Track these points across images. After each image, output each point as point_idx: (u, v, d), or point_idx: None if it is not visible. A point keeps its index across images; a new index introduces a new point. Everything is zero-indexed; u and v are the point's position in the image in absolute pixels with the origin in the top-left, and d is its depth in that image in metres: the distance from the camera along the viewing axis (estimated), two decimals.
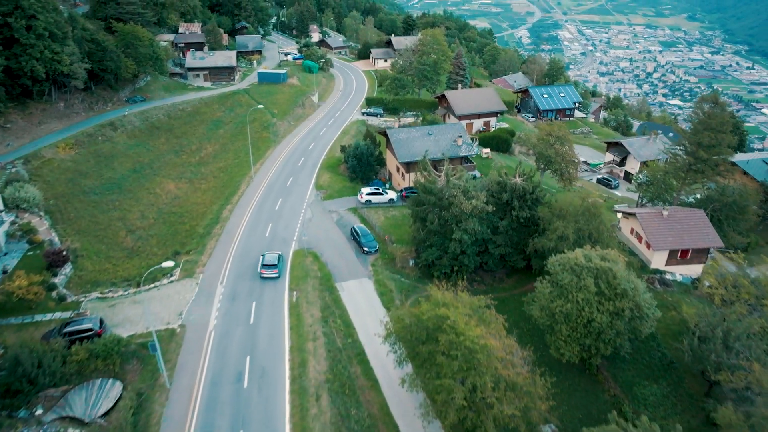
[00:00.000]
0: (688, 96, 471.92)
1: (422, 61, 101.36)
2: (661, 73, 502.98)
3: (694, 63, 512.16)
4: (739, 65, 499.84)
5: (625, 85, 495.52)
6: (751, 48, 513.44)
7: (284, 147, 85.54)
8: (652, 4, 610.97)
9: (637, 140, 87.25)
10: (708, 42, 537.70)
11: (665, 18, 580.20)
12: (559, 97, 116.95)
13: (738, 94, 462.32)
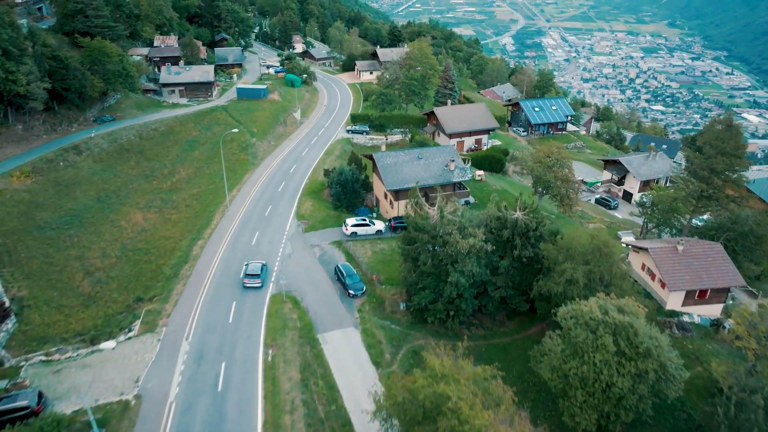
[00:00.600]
0: (670, 101, 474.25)
1: (409, 75, 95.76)
2: (643, 78, 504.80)
3: (675, 69, 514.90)
4: (719, 71, 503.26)
5: (608, 91, 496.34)
6: (730, 54, 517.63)
7: (264, 170, 79.10)
8: (633, 11, 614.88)
9: (636, 158, 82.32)
10: (688, 48, 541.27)
11: (646, 25, 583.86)
12: (551, 110, 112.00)
13: (718, 99, 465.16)
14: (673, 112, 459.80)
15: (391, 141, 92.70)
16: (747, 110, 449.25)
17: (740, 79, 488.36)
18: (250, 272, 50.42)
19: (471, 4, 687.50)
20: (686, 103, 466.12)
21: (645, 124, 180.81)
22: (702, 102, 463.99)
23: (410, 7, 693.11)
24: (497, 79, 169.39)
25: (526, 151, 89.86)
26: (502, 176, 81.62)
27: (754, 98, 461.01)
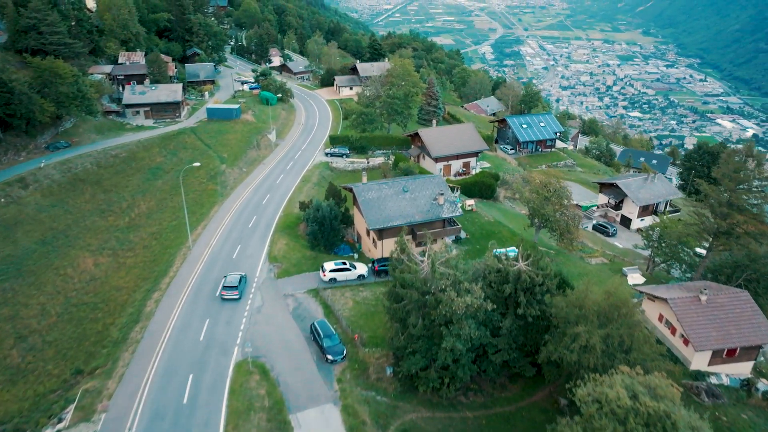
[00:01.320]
0: (647, 108, 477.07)
1: (391, 94, 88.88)
2: (620, 86, 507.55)
3: (650, 76, 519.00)
4: (693, 78, 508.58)
5: (586, 99, 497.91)
6: (703, 61, 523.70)
7: (234, 202, 71.17)
8: (609, 20, 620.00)
9: (634, 181, 76.42)
10: (662, 56, 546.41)
11: (621, 33, 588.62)
12: (539, 126, 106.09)
13: (693, 106, 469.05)
14: (650, 118, 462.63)
15: (373, 164, 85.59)
16: (721, 116, 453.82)
17: (713, 86, 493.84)
18: (228, 284, 49.40)
19: (450, 14, 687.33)
20: (662, 110, 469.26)
21: (630, 135, 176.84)
22: (678, 108, 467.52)
23: (390, 16, 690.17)
24: (480, 92, 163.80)
25: (517, 174, 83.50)
26: (494, 203, 74.96)
27: (727, 104, 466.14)
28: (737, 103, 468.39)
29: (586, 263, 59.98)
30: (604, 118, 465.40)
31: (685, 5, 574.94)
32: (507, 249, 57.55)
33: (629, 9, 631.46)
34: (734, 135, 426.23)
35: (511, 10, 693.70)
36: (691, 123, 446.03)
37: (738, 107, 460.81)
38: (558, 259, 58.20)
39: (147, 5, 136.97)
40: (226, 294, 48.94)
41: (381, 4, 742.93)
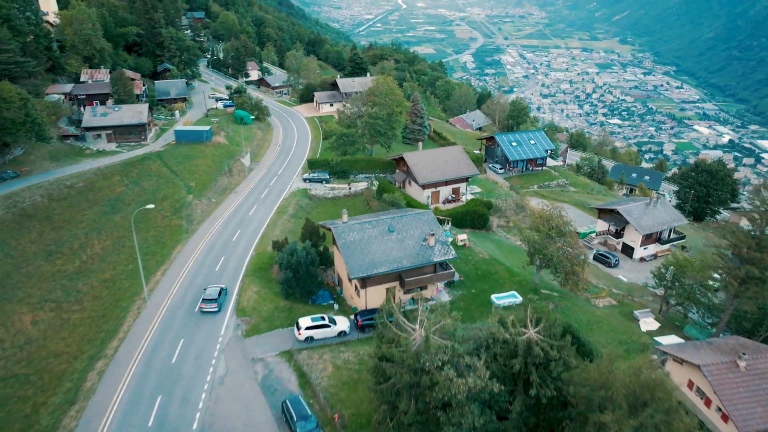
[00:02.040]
0: (626, 115, 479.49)
1: (373, 114, 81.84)
2: (599, 93, 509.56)
3: (629, 83, 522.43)
4: (670, 85, 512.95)
5: (567, 106, 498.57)
6: (679, 69, 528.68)
7: (200, 239, 63.22)
8: (587, 29, 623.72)
9: (636, 207, 70.27)
10: (639, 63, 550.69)
11: (599, 41, 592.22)
12: (529, 144, 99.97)
13: (671, 112, 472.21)
14: (629, 125, 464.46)
15: (356, 190, 78.29)
16: (698, 122, 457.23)
17: (689, 93, 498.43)
18: (207, 297, 48.44)
19: (431, 24, 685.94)
20: (641, 116, 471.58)
21: (618, 148, 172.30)
22: (656, 115, 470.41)
23: (371, 26, 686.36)
24: (465, 105, 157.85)
25: (510, 199, 76.89)
26: (487, 234, 68.14)
27: (704, 111, 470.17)
28: (713, 109, 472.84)
29: (593, 306, 53.33)
30: (585, 125, 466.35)
31: (660, 14, 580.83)
32: (507, 295, 50.77)
33: (606, 18, 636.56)
34: (711, 141, 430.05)
35: (491, 19, 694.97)
36: (669, 129, 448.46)
37: (714, 113, 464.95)
38: (563, 303, 51.43)
39: (114, 19, 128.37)
40: (205, 307, 48.03)
41: (362, 14, 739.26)
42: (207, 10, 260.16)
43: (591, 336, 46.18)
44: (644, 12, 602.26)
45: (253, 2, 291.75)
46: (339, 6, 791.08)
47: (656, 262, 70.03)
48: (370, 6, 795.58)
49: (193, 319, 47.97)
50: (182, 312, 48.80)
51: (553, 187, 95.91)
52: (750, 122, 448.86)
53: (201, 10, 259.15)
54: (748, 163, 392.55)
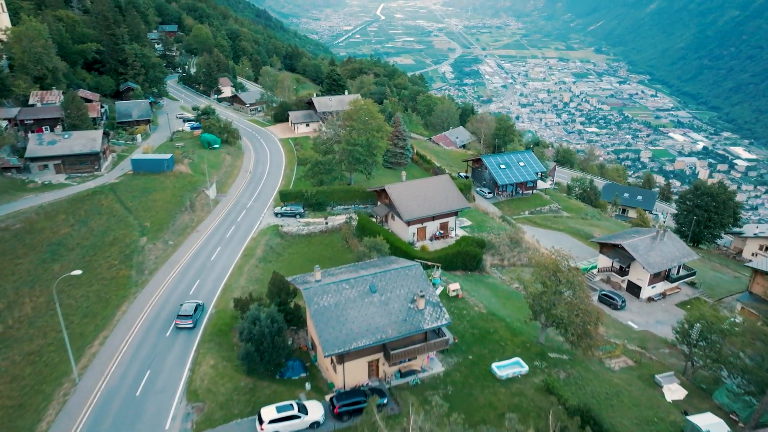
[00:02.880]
0: (603, 123, 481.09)
1: (352, 140, 73.46)
2: (576, 102, 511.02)
3: (605, 92, 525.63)
4: (644, 93, 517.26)
5: (545, 115, 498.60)
6: (653, 77, 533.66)
7: (151, 294, 53.81)
8: (563, 39, 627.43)
9: (642, 241, 63.02)
10: (615, 72, 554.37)
11: (575, 51, 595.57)
12: (518, 167, 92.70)
13: (646, 120, 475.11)
14: (606, 133, 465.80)
15: (333, 225, 69.68)
16: (672, 130, 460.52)
17: (664, 101, 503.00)
18: (183, 312, 47.59)
19: (409, 34, 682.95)
20: (618, 125, 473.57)
21: (605, 164, 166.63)
22: (632, 123, 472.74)
23: (350, 38, 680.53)
24: (447, 121, 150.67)
25: (503, 233, 69.03)
26: (480, 277, 60.07)
27: (678, 118, 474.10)
28: (687, 117, 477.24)
29: (609, 370, 45.50)
30: (564, 134, 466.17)
31: (633, 25, 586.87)
32: (510, 363, 42.62)
33: (581, 28, 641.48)
34: (686, 148, 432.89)
35: (468, 30, 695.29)
36: (645, 137, 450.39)
37: (688, 121, 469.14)
38: (575, 370, 43.47)
39: (73, 35, 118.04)
40: (180, 323, 46.94)
41: (341, 26, 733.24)
42: (180, 23, 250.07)
43: (613, 415, 38.31)
44: (618, 22, 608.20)
45: (229, 15, 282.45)
46: (318, 18, 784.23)
47: (666, 304, 62.88)
48: (348, 17, 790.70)
49: (134, 406, 38.70)
50: (119, 399, 39.49)
51: (546, 213, 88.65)
52: (722, 129, 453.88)
53: (173, 23, 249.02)
54: (722, 170, 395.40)
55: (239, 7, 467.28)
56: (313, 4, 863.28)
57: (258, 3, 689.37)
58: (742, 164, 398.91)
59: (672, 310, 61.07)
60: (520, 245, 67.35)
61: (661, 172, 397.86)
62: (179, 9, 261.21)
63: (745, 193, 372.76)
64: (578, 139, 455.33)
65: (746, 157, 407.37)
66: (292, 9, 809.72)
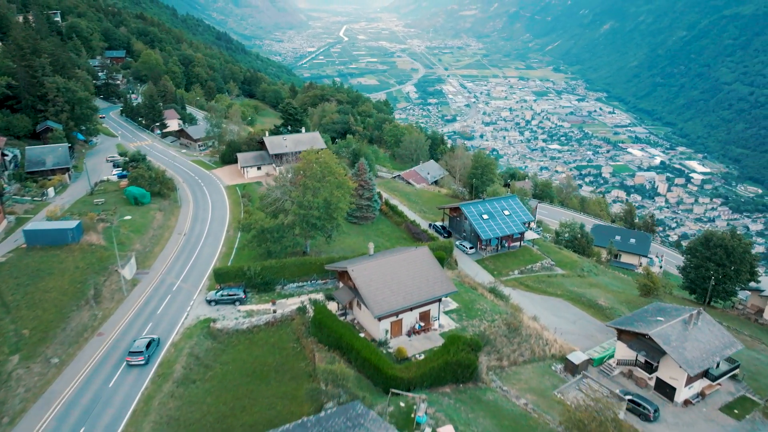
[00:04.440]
0: (564, 140, 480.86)
1: (306, 202, 57.19)
2: (538, 120, 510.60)
3: (565, 110, 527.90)
4: (602, 110, 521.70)
5: (508, 133, 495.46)
6: (610, 95, 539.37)
7: None
8: (522, 59, 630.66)
9: (672, 328, 48.90)
10: (573, 90, 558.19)
11: (534, 70, 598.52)
12: (503, 216, 78.38)
13: (606, 137, 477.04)
14: (568, 149, 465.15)
15: (283, 313, 53.15)
16: (631, 145, 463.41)
17: (621, 117, 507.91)
18: (134, 349, 44.56)
19: (373, 55, 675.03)
20: (578, 141, 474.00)
21: (586, 196, 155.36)
22: (592, 139, 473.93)
23: (314, 59, 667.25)
24: (417, 152, 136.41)
25: (498, 318, 53.75)
26: (477, 392, 44.25)
27: (635, 134, 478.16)
28: (643, 132, 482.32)
29: None
30: (527, 151, 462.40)
31: (589, 44, 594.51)
32: None
33: (539, 48, 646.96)
34: (644, 163, 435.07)
35: (430, 51, 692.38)
36: (605, 153, 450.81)
37: (645, 136, 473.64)
38: None
39: None
40: (131, 360, 43.97)
41: (304, 47, 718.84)
42: (129, 49, 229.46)
43: None
44: (574, 42, 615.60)
45: (183, 39, 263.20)
46: (281, 39, 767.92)
47: (708, 409, 48.63)
48: (312, 39, 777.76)
49: None
50: None
51: (538, 271, 74.37)
52: (677, 144, 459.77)
53: (122, 48, 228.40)
54: (680, 183, 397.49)
55: (198, 30, 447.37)
56: (276, 26, 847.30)
57: (220, 25, 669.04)
58: (698, 177, 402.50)
59: (718, 419, 46.98)
60: (520, 333, 52.28)
61: (623, 187, 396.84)
62: (128, 33, 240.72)
63: (702, 206, 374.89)
64: (541, 156, 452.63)
65: (701, 170, 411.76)
66: (255, 31, 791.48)
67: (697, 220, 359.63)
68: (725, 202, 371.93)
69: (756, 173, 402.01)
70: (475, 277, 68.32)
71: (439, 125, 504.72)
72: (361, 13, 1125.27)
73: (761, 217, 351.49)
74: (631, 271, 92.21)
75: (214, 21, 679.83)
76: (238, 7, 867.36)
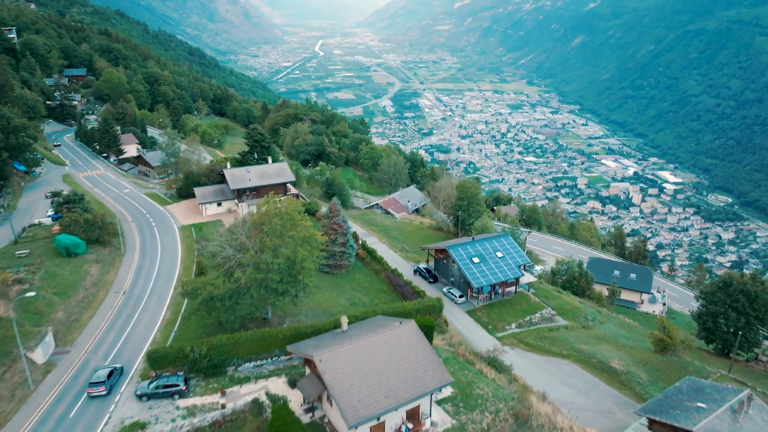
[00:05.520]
0: (540, 152, 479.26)
1: (263, 265, 45.61)
2: (513, 132, 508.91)
3: (539, 122, 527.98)
4: (576, 122, 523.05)
5: (484, 146, 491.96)
6: (583, 107, 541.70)
7: None
8: (496, 72, 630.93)
9: (719, 420, 38.86)
10: (547, 103, 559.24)
11: (509, 84, 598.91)
12: (496, 260, 68.01)
13: (580, 148, 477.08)
14: (543, 161, 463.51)
15: (235, 407, 41.29)
16: (605, 156, 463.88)
17: (594, 129, 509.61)
18: (95, 380, 41.87)
19: (349, 70, 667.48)
20: (554, 153, 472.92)
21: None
22: (567, 151, 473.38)
23: (290, 74, 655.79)
24: (396, 177, 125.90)
25: (505, 408, 42.73)
26: None
27: (608, 145, 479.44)
28: (616, 143, 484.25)
29: None
30: (503, 163, 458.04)
31: (561, 58, 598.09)
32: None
33: (513, 62, 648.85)
34: (618, 174, 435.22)
35: (406, 65, 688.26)
36: (580, 164, 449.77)
37: (618, 147, 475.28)
38: None
39: None
40: (92, 391, 41.29)
41: (280, 62, 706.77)
42: (91, 66, 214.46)
43: None
44: (546, 56, 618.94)
45: (150, 56, 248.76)
46: (256, 54, 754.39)
47: None
48: (287, 54, 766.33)
49: None
50: None
51: (538, 324, 64.05)
52: (650, 155, 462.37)
53: (82, 66, 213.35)
54: (653, 194, 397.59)
55: (171, 46, 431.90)
56: (251, 41, 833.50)
57: (194, 40, 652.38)
58: (671, 188, 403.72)
59: None
60: (531, 426, 41.45)
61: (598, 198, 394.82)
62: (91, 50, 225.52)
63: (675, 215, 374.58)
64: (518, 168, 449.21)
65: (673, 180, 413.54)
66: (230, 46, 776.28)
67: (671, 230, 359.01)
68: (697, 212, 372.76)
69: (725, 183, 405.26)
70: (468, 336, 57.61)
71: (416, 139, 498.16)
72: (337, 27, 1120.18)
73: (732, 226, 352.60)
74: (633, 311, 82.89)
75: (188, 36, 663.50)
76: (213, 23, 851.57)
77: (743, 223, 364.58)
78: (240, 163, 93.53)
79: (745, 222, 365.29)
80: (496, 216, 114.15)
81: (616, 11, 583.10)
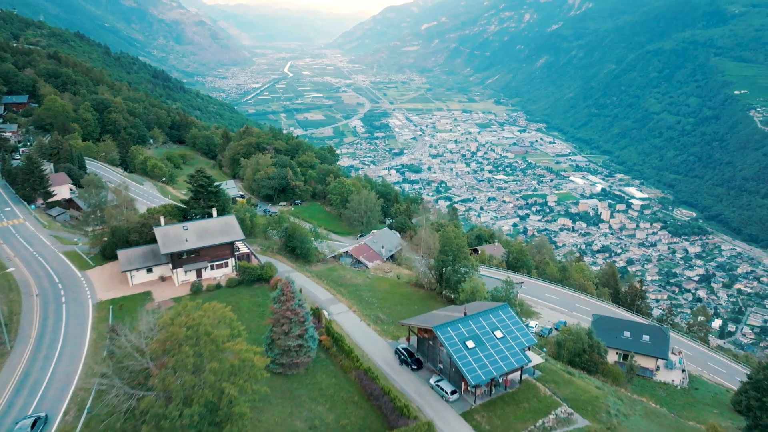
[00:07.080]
0: (510, 170, 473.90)
1: (169, 415, 29.23)
2: (483, 151, 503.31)
3: (508, 140, 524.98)
4: (543, 140, 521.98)
5: (455, 165, 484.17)
6: (549, 125, 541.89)
7: None
8: (464, 92, 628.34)
9: None
10: (515, 122, 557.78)
11: (477, 103, 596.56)
12: (495, 340, 53.06)
13: (548, 166, 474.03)
14: (513, 179, 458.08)
15: None
16: (573, 173, 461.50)
17: (561, 147, 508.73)
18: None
19: (318, 90, 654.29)
20: (523, 171, 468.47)
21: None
22: (536, 169, 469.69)
23: (259, 95, 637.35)
24: (367, 214, 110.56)
25: None
26: None
27: (576, 162, 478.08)
28: (583, 161, 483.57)
29: None
30: (474, 182, 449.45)
31: (526, 78, 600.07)
32: None
33: (480, 82, 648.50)
34: (587, 190, 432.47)
35: (375, 85, 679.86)
36: (549, 182, 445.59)
37: (584, 164, 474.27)
38: None
39: None
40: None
41: (249, 84, 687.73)
42: (35, 93, 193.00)
43: None
44: (512, 76, 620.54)
45: (103, 80, 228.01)
46: (224, 76, 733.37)
47: None
48: (256, 75, 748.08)
49: None
50: None
51: (554, 429, 48.95)
52: (616, 171, 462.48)
53: (24, 93, 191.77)
54: (621, 209, 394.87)
55: (134, 69, 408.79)
56: (219, 63, 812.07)
57: (161, 62, 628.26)
58: (637, 203, 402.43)
59: None
60: None
61: (568, 215, 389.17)
62: (36, 75, 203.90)
63: (643, 231, 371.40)
64: (488, 186, 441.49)
65: (639, 196, 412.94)
66: (197, 68, 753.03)
67: (640, 245, 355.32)
68: (664, 227, 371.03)
69: (689, 197, 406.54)
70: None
71: (387, 159, 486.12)
72: (306, 49, 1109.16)
73: (698, 240, 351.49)
74: (648, 380, 69.09)
75: (154, 59, 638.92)
76: (180, 45, 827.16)
77: (708, 236, 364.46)
78: (183, 212, 76.46)
79: (710, 236, 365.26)
80: (479, 259, 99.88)
81: (578, 32, 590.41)
